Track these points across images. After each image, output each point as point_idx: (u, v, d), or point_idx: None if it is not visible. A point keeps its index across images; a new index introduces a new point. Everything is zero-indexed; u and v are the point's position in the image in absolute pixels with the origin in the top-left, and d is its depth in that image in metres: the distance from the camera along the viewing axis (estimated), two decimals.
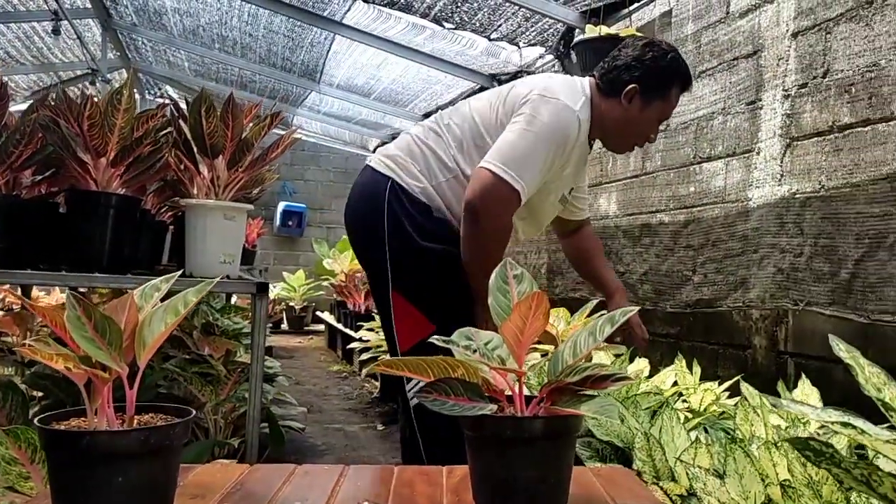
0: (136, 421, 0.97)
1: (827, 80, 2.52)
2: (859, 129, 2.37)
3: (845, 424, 0.65)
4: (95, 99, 1.83)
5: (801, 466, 1.17)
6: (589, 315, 3.20)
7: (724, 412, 2.10)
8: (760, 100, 2.85)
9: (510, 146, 1.80)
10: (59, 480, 0.88)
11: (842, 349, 0.79)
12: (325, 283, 7.84)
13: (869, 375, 0.75)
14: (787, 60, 2.72)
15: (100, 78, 6.26)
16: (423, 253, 1.91)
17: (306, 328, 9.38)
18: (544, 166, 1.84)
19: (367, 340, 5.04)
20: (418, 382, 1.07)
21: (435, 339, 1.08)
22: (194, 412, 0.97)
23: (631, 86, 1.93)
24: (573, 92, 1.93)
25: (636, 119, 1.97)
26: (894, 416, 0.72)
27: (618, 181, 3.85)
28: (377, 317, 5.26)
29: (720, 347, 3.05)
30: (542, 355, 2.89)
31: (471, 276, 1.88)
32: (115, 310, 0.96)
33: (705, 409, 2.26)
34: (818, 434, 1.54)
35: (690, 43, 3.29)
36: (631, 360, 2.56)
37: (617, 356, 2.71)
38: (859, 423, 0.66)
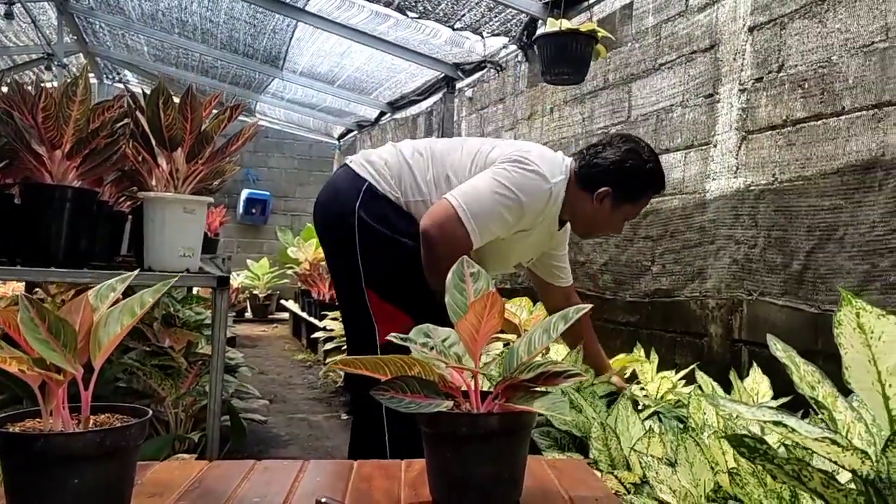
0: (91, 422, 0.97)
1: (781, 74, 2.58)
2: (812, 123, 2.43)
3: (777, 423, 0.69)
4: (50, 86, 1.79)
5: None
6: None
7: (679, 400, 2.16)
8: (717, 93, 2.90)
9: (476, 192, 1.87)
10: (14, 483, 0.88)
11: (778, 348, 0.83)
12: (289, 272, 7.80)
13: (803, 374, 0.78)
14: (743, 55, 2.77)
15: (56, 62, 6.11)
16: (394, 247, 1.96)
17: (270, 316, 9.32)
18: (501, 223, 1.90)
19: (332, 330, 5.04)
20: None
21: (392, 337, 1.10)
22: (150, 413, 0.97)
23: (605, 188, 1.99)
24: (554, 166, 1.98)
25: (604, 218, 2.06)
26: (826, 414, 0.75)
27: None
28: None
29: (678, 335, 3.11)
30: (505, 345, 2.93)
31: (436, 294, 1.95)
32: (70, 311, 0.96)
33: (662, 397, 2.31)
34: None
35: (650, 36, 3.33)
36: None
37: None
38: (791, 421, 0.69)
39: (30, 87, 1.77)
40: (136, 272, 1.07)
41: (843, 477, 0.74)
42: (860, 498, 0.70)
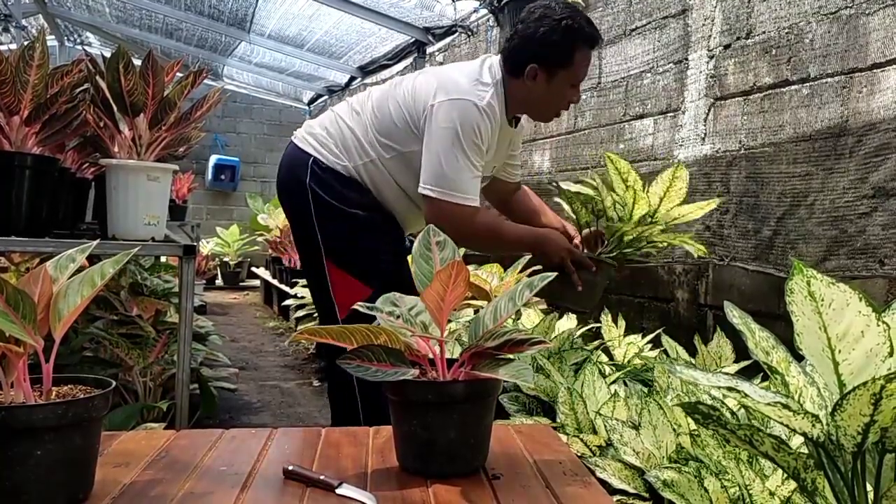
0: (54, 393, 0.96)
1: (750, 41, 2.58)
2: (780, 90, 2.45)
3: (731, 389, 0.70)
4: (7, 49, 1.74)
5: None
6: (521, 271, 3.26)
7: (645, 364, 2.19)
8: (688, 59, 2.90)
9: (443, 170, 1.83)
10: None
11: (735, 315, 0.84)
12: (259, 239, 7.73)
13: (759, 340, 0.80)
14: (713, 21, 2.77)
15: (14, 24, 5.92)
16: (348, 220, 1.97)
17: (241, 284, 9.25)
18: (475, 169, 1.87)
19: (303, 297, 5.02)
20: None
21: (358, 306, 1.10)
22: (114, 384, 0.97)
23: (530, 66, 1.90)
24: (479, 83, 1.90)
25: (545, 94, 1.95)
26: (779, 379, 0.77)
27: (551, 138, 3.89)
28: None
29: (645, 300, 3.16)
30: (476, 311, 2.94)
31: (393, 262, 2.01)
32: (29, 282, 0.94)
33: (629, 362, 2.35)
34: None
35: (622, 1, 3.31)
36: (560, 317, 2.63)
37: (546, 313, 2.78)
38: (745, 387, 0.71)
39: None
40: (95, 242, 1.06)
41: (798, 441, 0.77)
42: (809, 461, 0.72)
